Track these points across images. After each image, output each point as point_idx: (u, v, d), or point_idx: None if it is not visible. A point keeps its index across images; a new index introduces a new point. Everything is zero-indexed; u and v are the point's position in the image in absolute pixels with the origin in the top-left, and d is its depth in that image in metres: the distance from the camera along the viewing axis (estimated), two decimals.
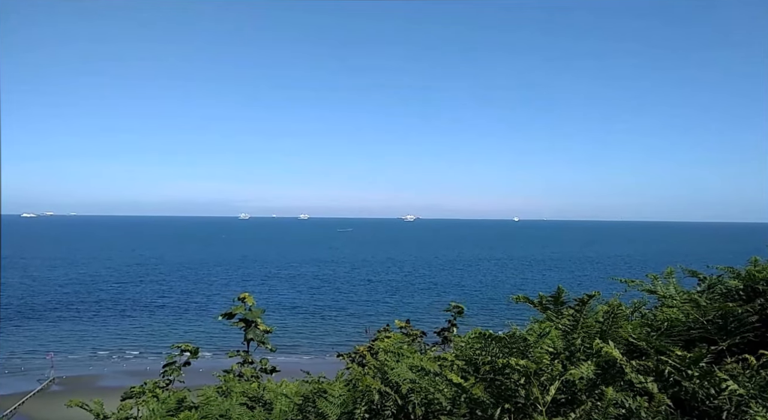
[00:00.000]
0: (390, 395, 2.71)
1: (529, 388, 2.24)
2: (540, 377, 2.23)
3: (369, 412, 2.77)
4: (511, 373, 2.27)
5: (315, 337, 61.06)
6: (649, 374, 2.26)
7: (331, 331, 63.82)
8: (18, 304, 78.39)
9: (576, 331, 3.30)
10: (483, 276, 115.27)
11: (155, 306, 78.44)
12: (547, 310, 3.60)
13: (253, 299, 9.19)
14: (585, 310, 3.32)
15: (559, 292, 3.45)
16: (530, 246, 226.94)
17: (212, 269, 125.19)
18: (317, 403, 2.82)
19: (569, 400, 2.44)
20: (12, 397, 41.41)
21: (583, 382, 2.30)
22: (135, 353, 54.67)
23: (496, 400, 2.36)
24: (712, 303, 3.35)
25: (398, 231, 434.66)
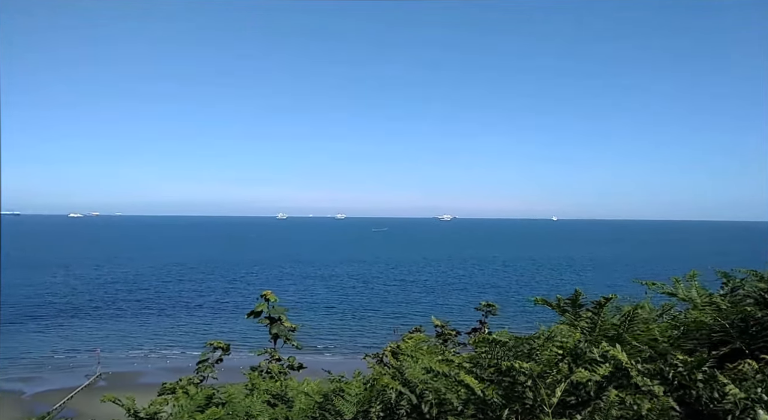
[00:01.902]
0: (405, 395, 2.79)
1: (536, 389, 2.29)
2: (545, 379, 2.28)
3: (384, 411, 2.85)
4: (517, 374, 2.32)
5: (348, 337, 61.41)
6: (655, 377, 2.28)
7: (364, 332, 64.09)
8: (63, 302, 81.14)
9: (594, 334, 3.33)
10: (520, 276, 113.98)
11: (194, 305, 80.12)
12: (566, 312, 3.63)
13: (275, 296, 9.38)
14: (603, 313, 3.34)
15: (577, 294, 3.47)
16: (569, 246, 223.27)
17: (250, 269, 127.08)
18: (334, 401, 2.93)
19: (579, 402, 2.47)
20: (60, 391, 42.88)
21: (592, 385, 2.34)
22: (175, 350, 55.95)
23: (505, 401, 2.41)
24: (734, 306, 3.33)
25: (434, 230, 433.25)
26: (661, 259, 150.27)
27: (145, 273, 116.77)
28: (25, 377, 47.18)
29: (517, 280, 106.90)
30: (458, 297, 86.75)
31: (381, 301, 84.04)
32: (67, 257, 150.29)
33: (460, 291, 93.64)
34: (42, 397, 41.89)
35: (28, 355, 53.87)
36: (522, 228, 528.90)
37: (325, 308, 77.25)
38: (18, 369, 49.59)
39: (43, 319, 69.67)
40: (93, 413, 32.28)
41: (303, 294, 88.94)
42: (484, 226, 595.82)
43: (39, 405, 39.30)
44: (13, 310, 74.04)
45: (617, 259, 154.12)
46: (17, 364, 50.95)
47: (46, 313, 73.24)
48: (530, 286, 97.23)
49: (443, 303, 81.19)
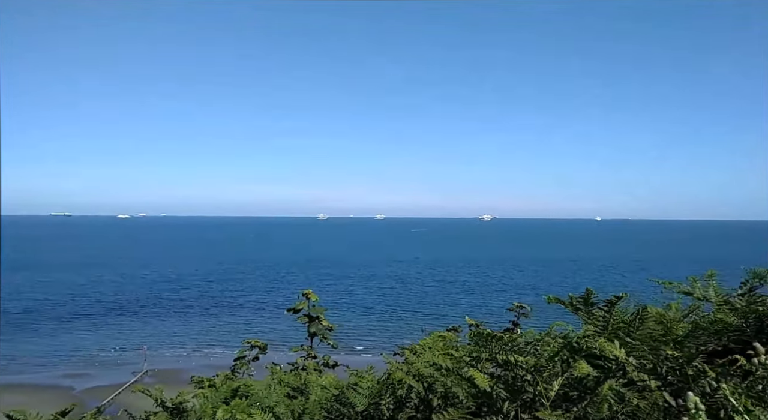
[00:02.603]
0: (414, 388, 2.90)
1: (535, 383, 2.37)
2: (542, 373, 2.35)
3: (394, 403, 2.97)
4: (516, 369, 2.40)
5: (385, 338, 61.50)
6: (651, 373, 2.32)
7: (401, 332, 64.09)
8: (110, 301, 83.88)
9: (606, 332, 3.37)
10: (561, 278, 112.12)
11: (236, 304, 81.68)
12: (578, 310, 3.67)
13: (315, 295, 9.62)
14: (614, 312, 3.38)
15: (588, 293, 3.51)
16: (612, 247, 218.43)
17: (290, 269, 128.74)
18: (346, 393, 3.06)
19: (580, 397, 2.53)
20: (109, 387, 44.39)
21: (591, 379, 2.40)
22: (218, 349, 57.17)
23: (506, 395, 2.49)
24: (750, 306, 3.31)
25: (474, 231, 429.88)
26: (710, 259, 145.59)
27: (189, 273, 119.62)
28: (76, 373, 49.00)
29: (558, 282, 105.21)
30: (498, 298, 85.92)
31: (419, 302, 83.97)
32: (115, 257, 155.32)
33: (500, 292, 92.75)
34: (91, 392, 43.48)
35: (77, 352, 55.94)
36: (564, 228, 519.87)
37: (363, 308, 77.67)
38: (69, 365, 51.57)
39: (92, 317, 72.21)
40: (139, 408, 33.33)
41: (342, 294, 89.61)
42: (525, 227, 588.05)
43: (89, 400, 40.80)
44: (63, 309, 77.05)
45: (662, 259, 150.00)
46: (68, 361, 52.99)
47: (95, 311, 75.86)
48: (571, 288, 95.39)
49: (482, 304, 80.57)
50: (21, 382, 46.09)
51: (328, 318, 9.83)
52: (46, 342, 59.45)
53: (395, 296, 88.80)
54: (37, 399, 39.87)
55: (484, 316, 62.45)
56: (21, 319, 70.23)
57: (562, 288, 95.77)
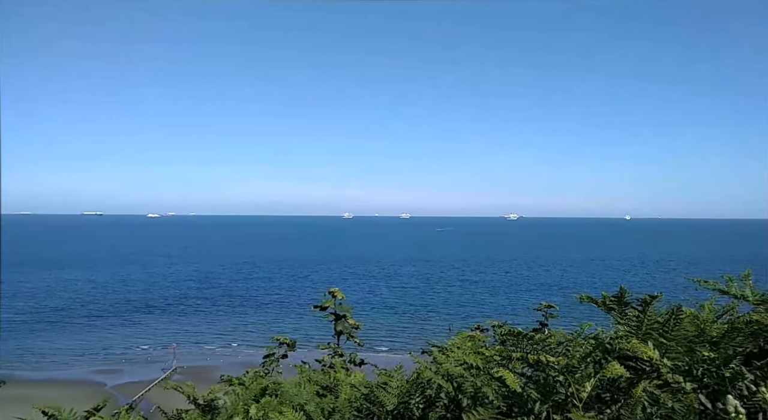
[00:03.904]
0: (443, 387, 2.89)
1: (567, 384, 2.34)
2: (574, 374, 2.32)
3: (424, 402, 2.97)
4: (548, 369, 2.37)
5: (409, 337, 61.43)
6: (686, 374, 2.28)
7: (425, 332, 63.95)
8: (139, 299, 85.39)
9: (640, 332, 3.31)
10: (588, 277, 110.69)
11: (262, 302, 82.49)
12: (611, 310, 3.62)
13: (342, 294, 9.66)
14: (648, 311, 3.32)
15: (622, 292, 3.45)
16: (641, 246, 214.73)
17: (315, 268, 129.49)
18: (376, 392, 3.07)
19: (613, 398, 2.50)
20: (139, 384, 45.27)
21: (623, 381, 2.36)
22: (244, 346, 57.85)
23: (539, 396, 2.47)
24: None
25: (500, 230, 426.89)
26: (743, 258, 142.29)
27: (216, 271, 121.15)
28: (107, 369, 50.06)
29: (585, 282, 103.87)
30: (523, 298, 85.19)
31: (443, 301, 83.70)
32: (143, 256, 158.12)
33: (526, 292, 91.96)
34: (122, 388, 44.38)
35: (108, 348, 57.12)
36: (593, 227, 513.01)
37: (388, 308, 77.72)
38: (100, 362, 52.71)
39: (121, 314, 73.65)
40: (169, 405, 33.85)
41: (366, 293, 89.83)
42: (553, 226, 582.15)
43: (120, 396, 41.67)
44: (93, 307, 78.72)
45: (692, 259, 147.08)
46: (99, 357, 54.17)
47: (124, 309, 77.34)
48: (598, 288, 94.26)
49: (507, 304, 79.98)
50: (53, 377, 47.28)
51: (353, 316, 9.87)
52: (77, 339, 60.83)
53: (419, 295, 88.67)
54: (68, 394, 40.80)
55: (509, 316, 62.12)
56: (53, 316, 71.98)
57: (589, 288, 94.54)
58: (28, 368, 50.44)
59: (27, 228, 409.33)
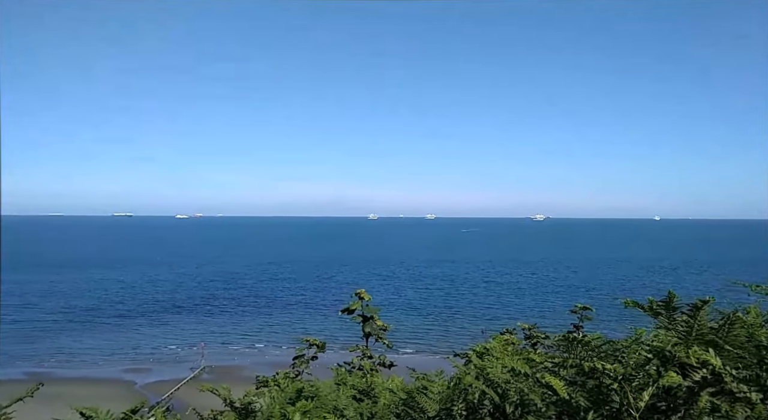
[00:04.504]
0: (487, 394, 2.79)
1: (623, 392, 2.23)
2: (632, 382, 2.21)
3: (467, 410, 2.87)
4: (602, 377, 2.27)
5: (434, 338, 61.10)
6: (752, 384, 2.15)
7: (451, 333, 63.60)
8: (167, 299, 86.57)
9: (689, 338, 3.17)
10: (617, 279, 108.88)
11: (287, 303, 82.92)
12: (659, 315, 3.47)
13: (369, 295, 9.59)
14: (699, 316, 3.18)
15: (671, 297, 3.31)
16: (671, 247, 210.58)
17: (340, 268, 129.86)
18: (417, 398, 2.98)
19: (670, 408, 2.37)
20: (168, 383, 45.83)
21: (683, 390, 2.24)
22: (271, 346, 58.20)
23: (590, 404, 2.36)
24: None
25: (526, 231, 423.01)
26: None
27: (242, 272, 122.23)
28: (137, 368, 50.79)
29: (614, 283, 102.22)
30: (551, 300, 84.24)
31: (469, 303, 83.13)
32: (172, 256, 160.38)
33: (553, 294, 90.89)
34: (152, 387, 44.98)
35: (137, 348, 57.97)
36: (621, 228, 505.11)
37: (413, 309, 77.46)
38: (130, 361, 53.50)
39: (150, 314, 74.70)
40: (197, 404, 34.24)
41: (391, 294, 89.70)
42: (580, 226, 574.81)
43: (150, 394, 42.24)
44: (122, 307, 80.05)
45: (726, 260, 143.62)
46: (129, 357, 54.99)
47: (153, 309, 78.46)
48: (629, 290, 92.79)
49: (534, 306, 79.10)
50: (85, 376, 48.16)
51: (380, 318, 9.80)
52: (107, 338, 61.87)
53: (444, 297, 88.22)
54: (100, 393, 41.51)
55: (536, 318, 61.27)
56: (83, 316, 73.36)
57: (618, 290, 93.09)
58: (60, 367, 51.44)
59: (58, 229, 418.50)
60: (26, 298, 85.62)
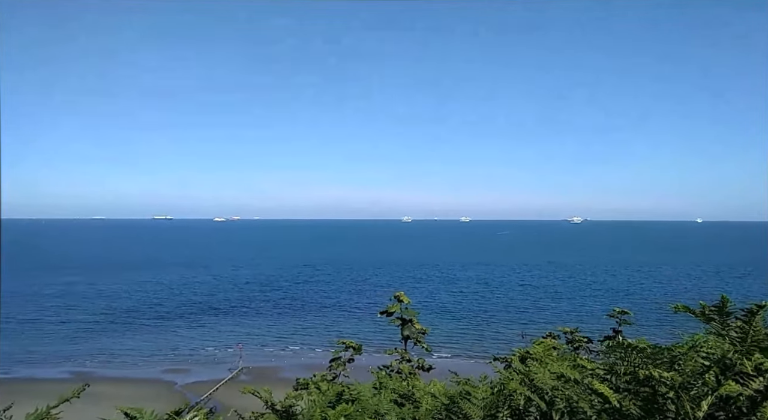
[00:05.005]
0: (533, 401, 2.72)
1: (679, 402, 2.13)
2: (689, 391, 2.11)
3: (512, 416, 2.80)
4: (657, 385, 2.17)
5: (470, 342, 60.63)
6: None
7: (487, 337, 62.97)
8: (204, 301, 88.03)
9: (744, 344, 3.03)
10: (657, 283, 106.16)
11: (322, 305, 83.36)
12: (711, 321, 3.34)
13: (408, 298, 9.56)
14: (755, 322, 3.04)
15: (724, 301, 3.18)
16: (713, 250, 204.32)
17: (375, 271, 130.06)
18: (461, 404, 2.92)
19: (729, 418, 2.26)
20: (207, 383, 46.57)
21: (743, 400, 2.13)
22: (307, 348, 58.58)
23: (643, 413, 2.27)
24: None
25: (563, 233, 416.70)
26: None
27: (277, 274, 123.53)
28: (177, 369, 51.76)
29: (655, 287, 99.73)
30: (588, 304, 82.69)
31: (505, 306, 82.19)
32: (210, 259, 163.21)
33: (590, 298, 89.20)
34: (191, 387, 45.77)
35: (177, 349, 59.06)
36: (661, 231, 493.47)
37: (448, 312, 77.00)
38: (169, 362, 54.54)
39: (188, 316, 76.07)
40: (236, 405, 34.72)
41: (426, 297, 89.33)
42: (618, 229, 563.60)
43: (190, 395, 43.02)
44: (162, 308, 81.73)
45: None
46: (169, 357, 56.07)
47: (191, 310, 79.89)
48: (669, 294, 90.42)
49: (571, 310, 77.77)
50: (126, 376, 49.31)
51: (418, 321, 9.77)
52: (146, 339, 63.22)
53: (478, 300, 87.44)
54: (142, 392, 42.47)
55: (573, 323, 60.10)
56: (124, 317, 75.18)
57: (659, 294, 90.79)
58: (102, 367, 52.77)
59: (101, 232, 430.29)
60: (71, 300, 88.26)
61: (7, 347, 58.63)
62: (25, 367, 52.18)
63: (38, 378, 48.07)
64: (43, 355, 56.38)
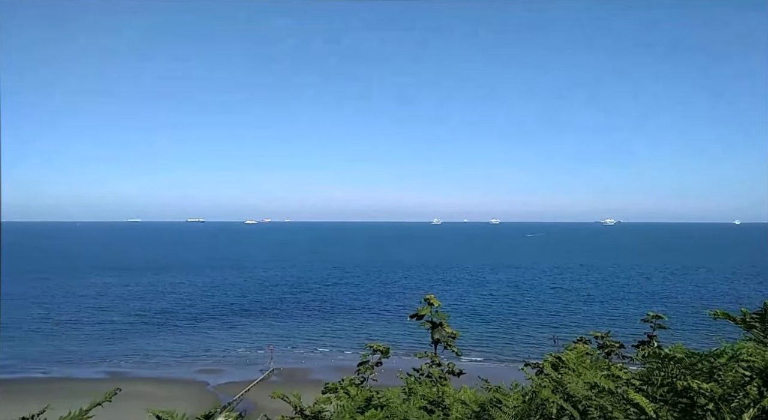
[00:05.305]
0: (566, 410, 2.66)
1: (719, 414, 2.05)
2: (730, 403, 2.03)
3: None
4: (696, 396, 2.10)
5: (500, 346, 60.02)
6: None
7: (517, 341, 62.26)
8: (236, 302, 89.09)
9: None
10: (695, 287, 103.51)
11: (352, 308, 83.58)
12: (752, 328, 3.23)
13: (438, 301, 9.50)
14: None
15: (766, 308, 3.07)
16: (755, 253, 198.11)
17: (404, 273, 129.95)
18: (491, 412, 2.87)
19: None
20: (239, 384, 47.07)
21: None
22: (336, 350, 58.78)
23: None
24: None
25: (595, 236, 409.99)
26: None
27: (307, 276, 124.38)
28: (209, 369, 52.48)
29: (690, 291, 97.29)
30: (621, 308, 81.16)
31: (535, 309, 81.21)
32: (241, 261, 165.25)
33: (624, 301, 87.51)
34: (224, 388, 46.34)
35: (209, 350, 59.87)
36: (697, 233, 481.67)
37: (478, 315, 76.41)
38: (202, 362, 55.32)
39: (220, 317, 77.12)
40: (267, 406, 35.04)
41: (456, 300, 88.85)
42: (653, 231, 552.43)
43: (222, 395, 43.58)
44: (194, 309, 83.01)
45: None
46: (201, 358, 56.88)
47: (223, 312, 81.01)
48: (706, 298, 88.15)
49: (604, 314, 76.44)
50: (160, 376, 50.18)
51: None
52: (179, 340, 64.25)
53: (508, 303, 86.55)
54: (175, 392, 43.18)
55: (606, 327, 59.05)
56: (158, 318, 76.59)
57: (695, 298, 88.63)
58: (137, 367, 53.82)
59: (136, 234, 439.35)
60: (106, 301, 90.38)
61: (45, 347, 60.35)
62: (63, 366, 53.56)
63: (75, 377, 49.34)
64: (79, 355, 57.80)
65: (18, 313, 78.45)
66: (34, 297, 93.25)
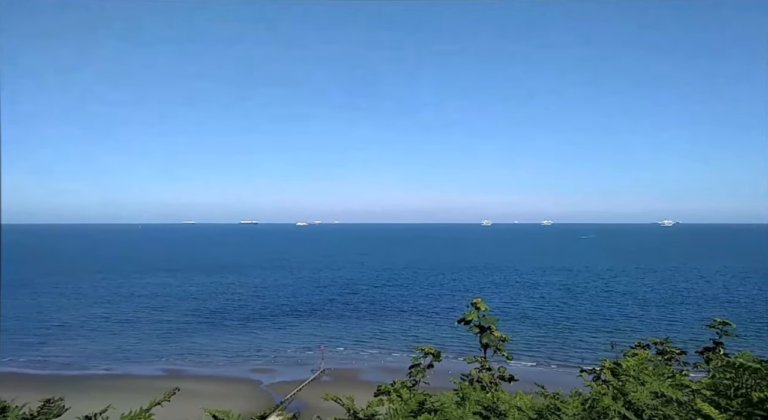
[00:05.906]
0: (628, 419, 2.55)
1: None
2: None
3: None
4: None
5: (552, 350, 58.75)
6: None
7: (570, 345, 60.84)
8: (287, 303, 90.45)
9: None
10: (758, 291, 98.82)
11: (401, 310, 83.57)
12: None
13: (485, 305, 9.34)
14: None
15: None
16: None
17: (453, 275, 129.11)
18: (550, 419, 2.78)
19: None
20: (291, 383, 47.77)
21: None
22: (385, 352, 58.89)
23: None
24: None
25: (650, 237, 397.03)
26: None
27: (356, 277, 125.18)
28: (262, 369, 53.49)
29: (756, 296, 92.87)
30: (680, 312, 78.22)
31: (588, 313, 79.18)
32: (292, 261, 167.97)
33: (683, 306, 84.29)
34: (276, 387, 47.11)
35: (261, 349, 60.98)
36: (762, 234, 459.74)
37: (528, 318, 75.14)
38: (254, 361, 56.42)
39: (271, 317, 78.48)
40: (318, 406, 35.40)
41: (506, 302, 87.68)
42: (712, 232, 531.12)
43: (274, 394, 44.32)
44: (247, 310, 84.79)
45: None
46: (253, 357, 58.00)
47: (275, 312, 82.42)
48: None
49: (660, 318, 73.82)
50: (215, 374, 51.47)
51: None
52: (232, 339, 65.72)
53: (560, 307, 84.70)
54: (230, 390, 44.17)
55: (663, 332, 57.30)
56: (211, 318, 78.57)
57: (761, 303, 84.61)
58: (193, 365, 55.35)
59: (191, 236, 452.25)
60: (162, 300, 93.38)
61: (106, 346, 62.81)
62: (122, 364, 55.63)
63: (134, 374, 51.18)
64: (137, 352, 59.92)
65: (82, 312, 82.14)
66: (96, 297, 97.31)
